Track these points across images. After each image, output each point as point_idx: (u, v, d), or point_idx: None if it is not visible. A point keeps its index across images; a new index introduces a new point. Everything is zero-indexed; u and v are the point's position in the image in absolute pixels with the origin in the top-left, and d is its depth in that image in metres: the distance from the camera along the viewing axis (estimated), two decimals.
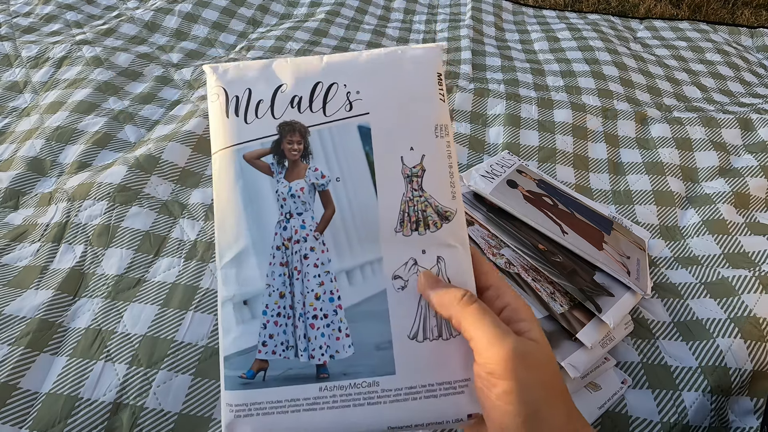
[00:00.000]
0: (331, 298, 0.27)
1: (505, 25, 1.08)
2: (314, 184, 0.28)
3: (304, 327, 0.27)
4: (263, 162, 0.28)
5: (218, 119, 0.28)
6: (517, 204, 0.50)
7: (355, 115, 0.28)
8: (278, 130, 0.28)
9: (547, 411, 0.24)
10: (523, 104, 0.76)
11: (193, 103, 0.71)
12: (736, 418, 0.41)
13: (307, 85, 0.28)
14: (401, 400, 0.26)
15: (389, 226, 0.27)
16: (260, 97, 0.28)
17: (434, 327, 0.27)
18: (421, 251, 0.27)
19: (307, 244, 0.27)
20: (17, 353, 0.41)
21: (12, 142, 0.64)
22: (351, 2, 1.07)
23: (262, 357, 0.26)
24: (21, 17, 0.90)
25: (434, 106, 0.29)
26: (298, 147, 0.28)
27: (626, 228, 0.54)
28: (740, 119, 0.73)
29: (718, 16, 1.34)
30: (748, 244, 0.54)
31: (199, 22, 0.93)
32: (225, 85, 0.28)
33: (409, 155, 0.28)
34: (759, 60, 1.00)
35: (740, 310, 0.46)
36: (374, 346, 0.27)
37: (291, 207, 0.27)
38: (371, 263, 0.27)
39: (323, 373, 0.26)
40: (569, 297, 0.43)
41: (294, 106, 0.28)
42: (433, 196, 0.28)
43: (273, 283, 0.27)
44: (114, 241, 0.51)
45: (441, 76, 0.29)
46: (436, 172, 0.28)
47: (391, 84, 0.28)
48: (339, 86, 0.28)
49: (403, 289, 0.27)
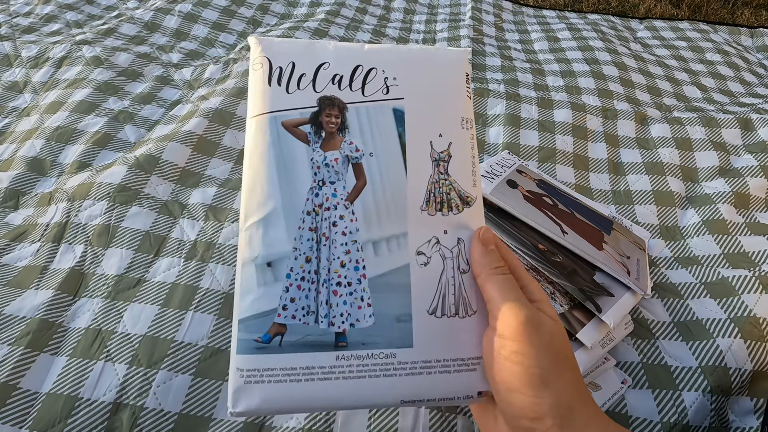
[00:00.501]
0: (356, 266, 0.28)
1: (505, 25, 1.08)
2: (348, 156, 0.29)
3: (327, 293, 0.27)
4: (301, 130, 0.29)
5: (259, 86, 0.29)
6: (517, 204, 0.50)
7: (392, 99, 0.30)
8: (318, 102, 0.29)
9: (555, 377, 0.24)
10: (523, 104, 0.76)
11: (193, 103, 0.71)
12: (736, 418, 0.41)
13: (348, 66, 0.30)
14: (416, 374, 0.27)
15: (416, 204, 0.28)
16: (303, 70, 0.29)
17: (452, 305, 0.28)
18: (443, 231, 0.29)
19: (337, 212, 0.28)
20: (17, 353, 0.41)
21: (12, 142, 0.64)
22: (351, 2, 1.07)
23: (281, 321, 0.26)
24: (21, 17, 0.90)
25: (462, 101, 0.31)
26: (336, 120, 0.29)
27: (626, 228, 0.54)
28: (740, 119, 0.73)
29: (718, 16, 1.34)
30: (748, 244, 0.54)
31: (199, 22, 0.93)
32: (270, 55, 0.29)
33: (437, 141, 0.30)
34: (759, 60, 1.00)
35: (740, 310, 0.46)
36: (394, 318, 0.27)
37: (324, 175, 0.28)
38: (397, 237, 0.28)
39: (342, 342, 0.26)
40: (569, 297, 0.43)
41: (335, 83, 0.29)
42: (457, 181, 0.30)
43: (300, 247, 0.27)
44: (114, 241, 0.51)
45: (469, 76, 0.32)
46: (461, 160, 0.30)
47: (426, 76, 0.30)
48: (378, 71, 0.30)
49: (425, 265, 0.28)
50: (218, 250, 0.51)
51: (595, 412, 0.25)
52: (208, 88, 0.75)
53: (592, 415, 0.24)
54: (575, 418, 0.24)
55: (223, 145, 0.64)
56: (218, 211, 0.56)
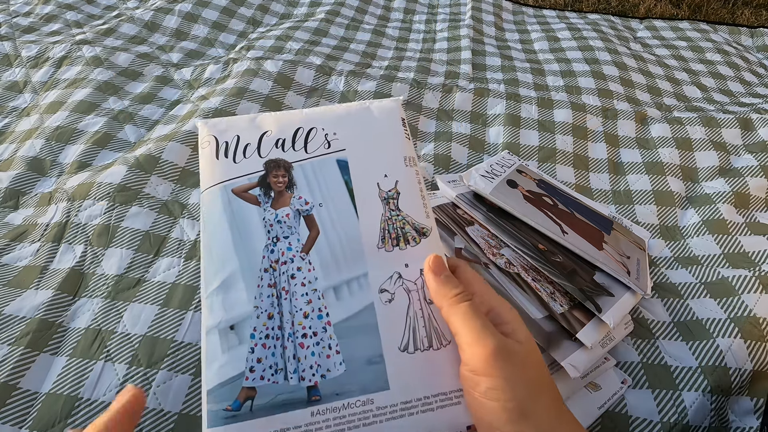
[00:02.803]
0: (320, 315, 0.27)
1: (505, 24, 1.08)
2: (299, 210, 0.30)
3: (293, 347, 0.27)
4: (250, 194, 0.30)
5: (208, 162, 0.31)
6: (517, 204, 0.50)
7: (334, 151, 0.31)
8: (264, 166, 0.30)
9: (534, 407, 0.24)
10: (523, 104, 0.76)
11: (193, 103, 0.71)
12: (736, 418, 0.41)
13: (289, 129, 0.32)
14: (397, 417, 0.26)
15: (371, 243, 0.29)
16: (248, 141, 0.31)
17: (424, 337, 0.27)
18: (404, 265, 0.29)
19: (294, 264, 0.28)
20: (17, 353, 0.41)
21: (12, 142, 0.64)
22: (351, 2, 1.07)
23: (250, 384, 0.26)
24: (21, 17, 0.90)
25: (401, 142, 0.32)
26: (283, 179, 0.30)
27: (626, 228, 0.54)
28: (740, 119, 0.72)
29: (718, 15, 1.34)
30: (748, 244, 0.54)
31: (199, 22, 0.93)
32: (216, 133, 0.31)
33: (384, 181, 0.31)
34: (759, 60, 1.00)
35: (740, 310, 0.46)
36: (366, 361, 0.26)
37: (278, 231, 0.29)
38: (357, 278, 0.28)
39: (315, 395, 0.26)
40: (569, 297, 0.43)
41: (278, 147, 0.31)
42: (409, 215, 0.30)
43: (261, 305, 0.27)
44: (114, 241, 0.51)
45: (404, 120, 0.33)
46: (410, 194, 0.31)
47: (364, 127, 0.32)
48: (318, 129, 0.32)
49: (390, 302, 0.28)
50: None
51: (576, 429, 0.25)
52: (208, 88, 0.75)
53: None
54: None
55: None
56: None
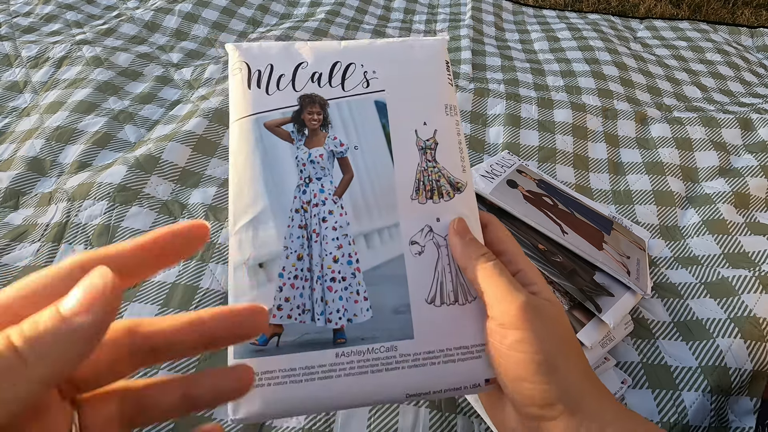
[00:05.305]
0: (350, 260, 0.27)
1: (505, 24, 1.08)
2: (333, 151, 0.28)
3: (321, 290, 0.26)
4: (283, 130, 0.28)
5: (239, 91, 0.29)
6: (517, 204, 0.50)
7: (372, 91, 0.29)
8: (299, 101, 0.29)
9: (562, 362, 0.23)
10: (523, 104, 0.76)
11: (193, 103, 0.71)
12: (736, 418, 0.41)
13: (326, 63, 0.30)
14: (419, 365, 0.26)
15: (405, 193, 0.28)
16: (282, 71, 0.29)
17: (450, 292, 0.27)
18: (436, 219, 0.28)
19: (326, 207, 0.28)
20: None
21: (12, 142, 0.64)
22: (351, 2, 1.07)
23: (277, 321, 0.25)
24: (21, 17, 0.90)
25: (444, 88, 0.31)
26: (318, 117, 0.29)
27: (626, 228, 0.54)
28: (740, 119, 0.73)
29: (718, 16, 1.34)
30: (748, 244, 0.54)
31: (200, 22, 0.93)
32: (248, 59, 0.29)
33: (422, 129, 0.29)
34: (759, 60, 1.00)
35: (740, 310, 0.46)
36: (392, 310, 0.26)
37: (310, 172, 0.28)
38: (389, 228, 0.28)
39: (340, 338, 0.26)
40: (569, 297, 0.43)
41: (314, 81, 0.29)
42: (446, 168, 0.29)
43: (291, 245, 0.27)
44: (114, 241, 0.51)
45: (448, 64, 0.31)
46: (448, 146, 0.30)
47: (405, 67, 0.30)
48: (357, 66, 0.30)
49: (420, 254, 0.27)
50: (218, 250, 0.51)
51: (607, 395, 0.24)
52: (208, 88, 0.75)
53: (604, 399, 0.24)
54: (586, 403, 0.23)
55: (223, 145, 0.64)
56: (218, 211, 0.56)
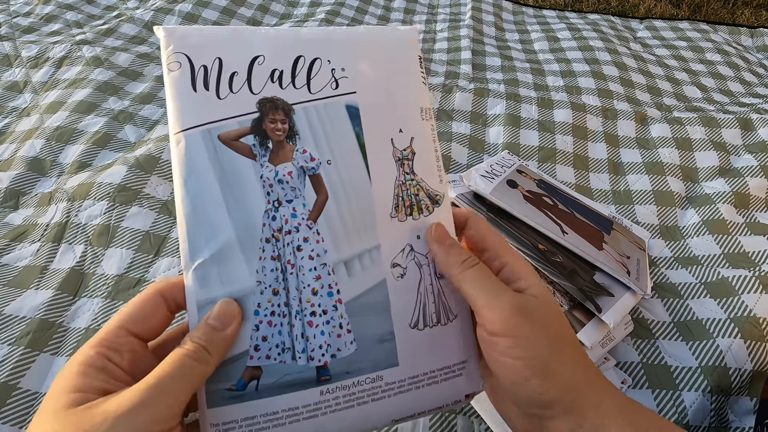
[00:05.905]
0: (330, 292, 0.24)
1: (505, 25, 1.08)
2: (303, 168, 0.25)
3: (301, 325, 0.24)
4: (243, 143, 0.24)
5: (182, 93, 0.24)
6: (517, 204, 0.50)
7: (342, 94, 0.25)
8: (258, 107, 0.24)
9: (556, 361, 0.23)
10: (523, 104, 0.76)
11: None
12: (736, 418, 0.41)
13: (287, 57, 0.25)
14: (404, 392, 0.25)
15: (384, 212, 0.26)
16: (234, 68, 0.24)
17: (433, 314, 0.26)
18: (416, 236, 0.26)
19: (300, 234, 0.24)
20: (17, 353, 0.41)
21: (12, 142, 0.64)
22: (351, 2, 1.07)
23: (255, 363, 0.23)
24: (21, 17, 0.90)
25: (418, 88, 0.27)
26: (283, 126, 0.24)
27: (626, 228, 0.54)
28: (740, 119, 0.73)
29: (718, 16, 1.34)
30: (748, 244, 0.54)
31: (200, 22, 0.93)
32: (188, 51, 0.24)
33: (398, 137, 0.26)
34: (759, 60, 1.00)
35: (740, 310, 0.46)
36: (377, 339, 0.25)
37: (279, 193, 0.24)
38: (369, 251, 0.25)
39: (324, 375, 0.24)
40: (569, 297, 0.43)
41: (275, 81, 0.25)
42: (424, 179, 0.27)
43: (264, 280, 0.24)
44: (114, 241, 0.51)
45: (422, 59, 0.28)
46: (425, 155, 0.27)
47: (376, 64, 0.26)
48: (323, 62, 0.25)
49: (402, 276, 0.26)
50: None
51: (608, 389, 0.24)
52: None
53: (605, 394, 0.23)
54: (586, 400, 0.23)
55: None
56: None
